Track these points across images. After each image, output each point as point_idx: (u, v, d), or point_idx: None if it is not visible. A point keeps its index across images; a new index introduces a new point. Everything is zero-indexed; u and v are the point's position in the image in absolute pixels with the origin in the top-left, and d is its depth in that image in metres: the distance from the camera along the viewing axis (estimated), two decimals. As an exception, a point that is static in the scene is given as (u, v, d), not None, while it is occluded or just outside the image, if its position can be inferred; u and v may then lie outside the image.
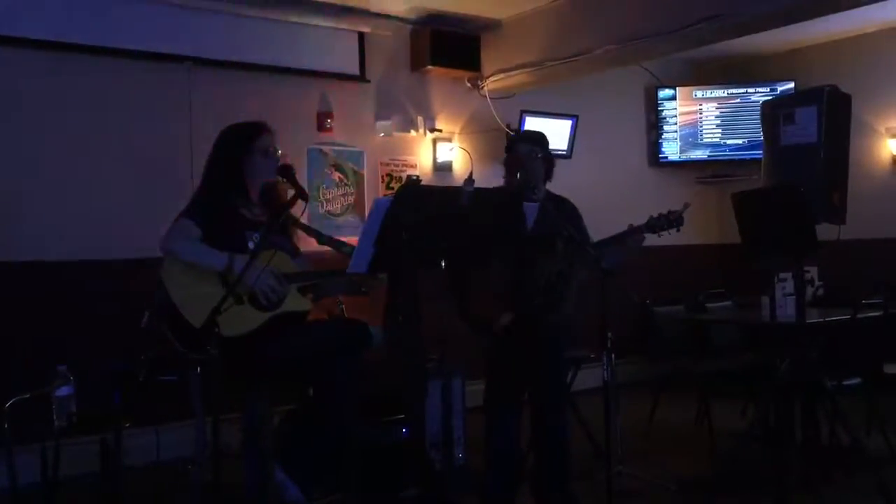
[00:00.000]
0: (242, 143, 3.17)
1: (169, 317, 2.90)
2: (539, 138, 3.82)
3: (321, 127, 5.68)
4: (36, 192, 4.64)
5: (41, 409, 3.33)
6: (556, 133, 6.67)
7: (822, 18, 4.95)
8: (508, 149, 3.80)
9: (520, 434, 3.68)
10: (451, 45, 6.01)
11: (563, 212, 3.67)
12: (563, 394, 3.86)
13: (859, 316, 4.40)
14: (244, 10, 5.27)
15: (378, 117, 5.95)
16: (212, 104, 5.07)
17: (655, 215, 3.60)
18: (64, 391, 3.31)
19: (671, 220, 3.57)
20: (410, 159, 6.14)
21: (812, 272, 4.93)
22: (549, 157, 3.77)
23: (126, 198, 4.87)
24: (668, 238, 3.83)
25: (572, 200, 3.85)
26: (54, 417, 3.31)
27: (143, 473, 4.07)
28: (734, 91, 7.32)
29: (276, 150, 3.23)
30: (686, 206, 3.62)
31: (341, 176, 5.80)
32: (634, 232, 3.58)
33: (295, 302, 3.09)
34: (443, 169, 6.24)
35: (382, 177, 5.98)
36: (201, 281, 2.91)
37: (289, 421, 3.77)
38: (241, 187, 3.17)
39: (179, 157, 4.79)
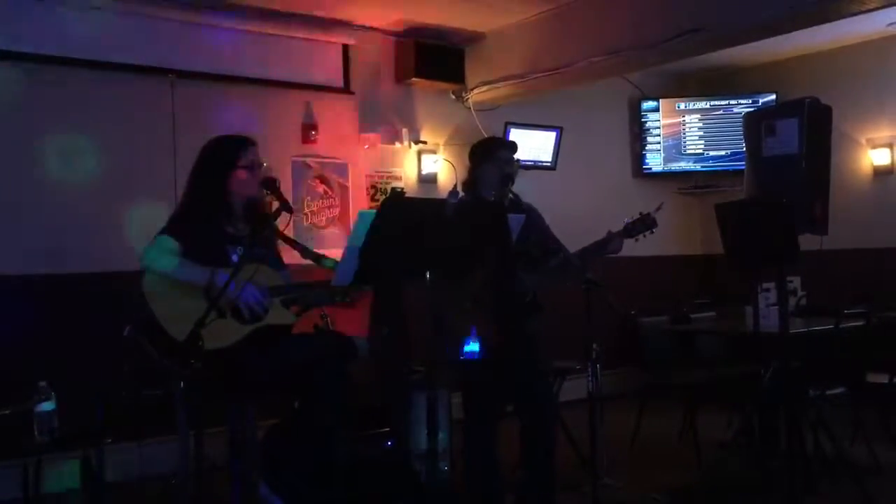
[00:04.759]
0: (227, 159, 3.13)
1: (151, 331, 2.88)
2: (514, 145, 3.79)
3: (305, 139, 5.66)
4: (17, 204, 4.60)
5: (23, 425, 3.30)
6: (541, 145, 6.71)
7: (803, 31, 5.00)
8: (484, 154, 3.71)
9: (497, 449, 3.68)
10: (436, 58, 6.03)
11: (536, 219, 3.66)
12: (555, 405, 3.85)
13: (842, 325, 4.43)
14: (228, 22, 5.27)
15: (363, 129, 5.95)
16: (195, 117, 5.05)
17: (630, 220, 3.57)
18: (45, 407, 3.28)
19: (646, 223, 3.55)
20: (395, 171, 6.13)
21: (795, 282, 4.97)
22: (518, 163, 3.74)
23: (109, 211, 4.83)
24: (651, 249, 3.84)
25: (557, 211, 3.84)
26: (36, 433, 3.28)
27: (125, 489, 4.04)
28: (717, 103, 7.37)
29: (261, 164, 3.20)
30: (659, 207, 3.57)
31: (326, 188, 5.79)
32: (613, 238, 3.56)
33: (278, 315, 3.07)
34: (427, 181, 6.24)
35: (367, 189, 5.97)
36: (184, 295, 2.89)
37: (273, 435, 3.74)
38: (225, 203, 3.13)
39: (163, 171, 4.77)
